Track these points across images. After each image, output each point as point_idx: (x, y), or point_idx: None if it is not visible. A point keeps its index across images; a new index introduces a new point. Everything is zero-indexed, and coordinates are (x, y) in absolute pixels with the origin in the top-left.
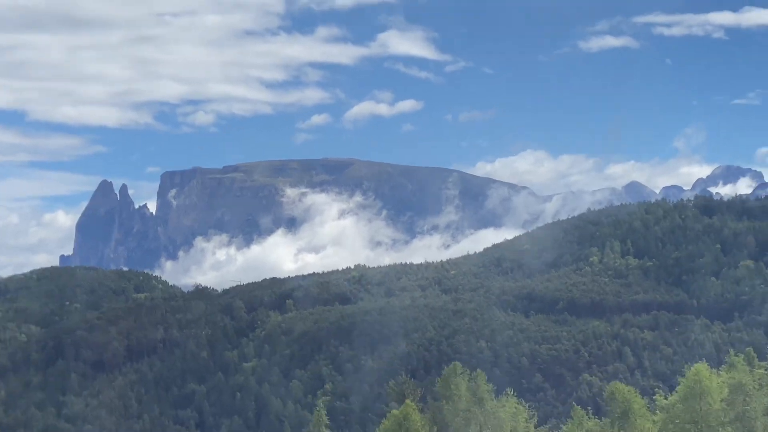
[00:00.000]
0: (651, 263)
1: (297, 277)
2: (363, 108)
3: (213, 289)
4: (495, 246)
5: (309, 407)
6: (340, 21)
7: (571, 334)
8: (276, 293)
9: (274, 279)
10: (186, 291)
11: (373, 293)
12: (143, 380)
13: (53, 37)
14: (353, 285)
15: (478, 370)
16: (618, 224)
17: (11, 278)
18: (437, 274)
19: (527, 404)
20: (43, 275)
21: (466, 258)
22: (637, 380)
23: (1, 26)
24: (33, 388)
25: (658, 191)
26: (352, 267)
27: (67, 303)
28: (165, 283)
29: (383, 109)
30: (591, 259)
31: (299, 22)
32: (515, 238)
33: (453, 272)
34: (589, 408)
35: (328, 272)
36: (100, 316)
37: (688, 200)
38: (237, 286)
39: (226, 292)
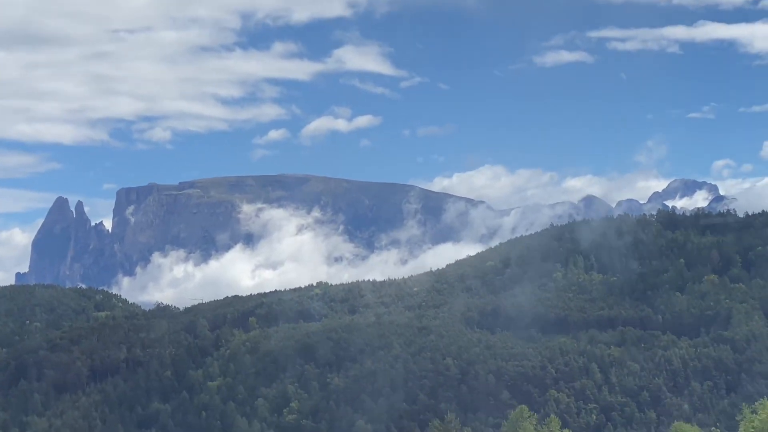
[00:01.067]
0: (615, 278)
1: (259, 294)
2: (319, 124)
3: (174, 307)
4: (458, 262)
5: (275, 426)
6: (296, 37)
7: (537, 351)
8: (238, 311)
9: (236, 297)
10: (146, 309)
11: (337, 310)
12: (107, 400)
13: (8, 54)
14: (316, 302)
15: (552, 415)
16: (580, 240)
17: None
18: (400, 291)
19: (495, 421)
20: (1, 294)
21: (429, 274)
22: (605, 396)
23: None
24: None
25: (614, 205)
26: (314, 284)
27: (27, 322)
28: (125, 301)
29: (339, 124)
30: (555, 274)
31: (255, 38)
32: (478, 254)
33: (416, 289)
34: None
35: (291, 290)
36: (62, 335)
37: (651, 215)
38: (199, 304)
39: (188, 310)
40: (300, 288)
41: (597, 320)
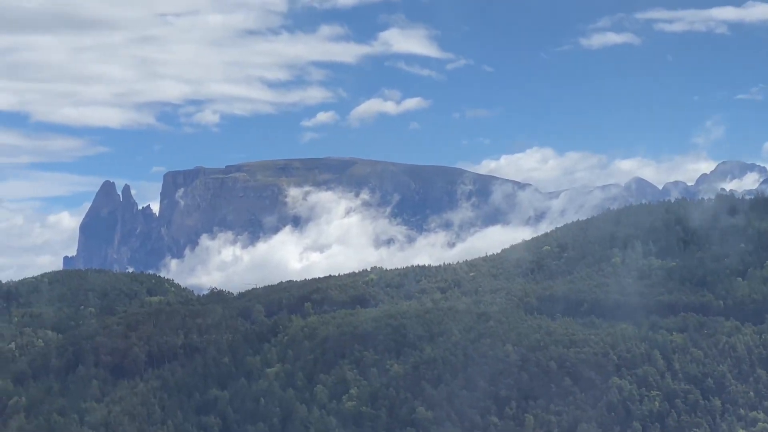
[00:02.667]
0: (674, 264)
1: (313, 279)
2: (367, 106)
3: (228, 292)
4: (513, 246)
5: (334, 412)
6: (342, 20)
7: (599, 337)
8: (294, 296)
9: (290, 282)
10: (196, 292)
11: (393, 296)
12: (165, 386)
13: (55, 38)
14: (371, 287)
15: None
16: (638, 224)
17: (22, 282)
18: (456, 276)
19: (557, 408)
20: (54, 279)
21: (485, 259)
22: (668, 383)
23: (3, 28)
24: (54, 395)
25: (662, 187)
26: (369, 269)
27: (81, 307)
28: (177, 286)
29: (386, 107)
30: (613, 260)
31: (301, 21)
32: (533, 238)
33: (472, 274)
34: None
35: (345, 275)
36: (118, 321)
37: (709, 198)
38: (253, 289)
39: (242, 295)
40: (354, 273)
41: (657, 306)
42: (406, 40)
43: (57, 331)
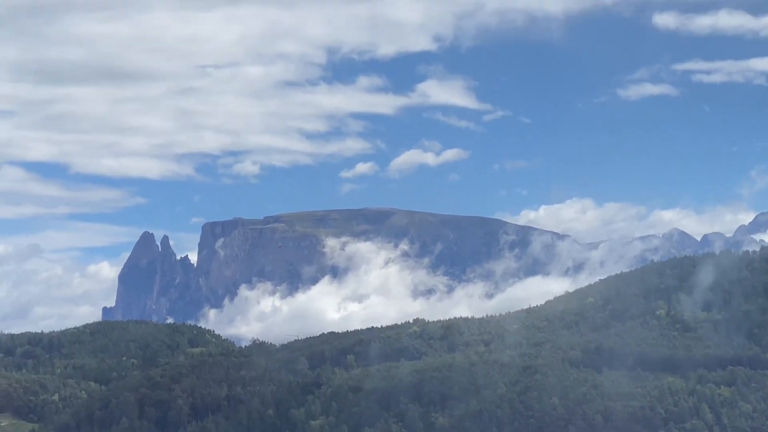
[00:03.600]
0: (720, 316)
1: (355, 331)
2: (405, 158)
3: (270, 343)
4: (557, 298)
5: None
6: (381, 71)
7: (645, 390)
8: (336, 348)
9: (332, 333)
10: (235, 342)
11: (436, 348)
12: None
13: (96, 90)
14: (414, 339)
15: None
16: (682, 276)
17: (64, 332)
18: (499, 328)
19: None
20: (95, 329)
21: (528, 311)
22: None
23: (45, 80)
24: None
25: (700, 238)
26: (411, 321)
27: (124, 358)
28: (218, 336)
29: (425, 158)
30: (658, 312)
31: (340, 73)
32: (577, 290)
33: (515, 326)
34: None
35: (387, 326)
36: (162, 373)
37: (754, 252)
38: (295, 340)
39: (284, 346)
40: (397, 325)
41: (704, 359)
42: (443, 92)
43: (99, 383)
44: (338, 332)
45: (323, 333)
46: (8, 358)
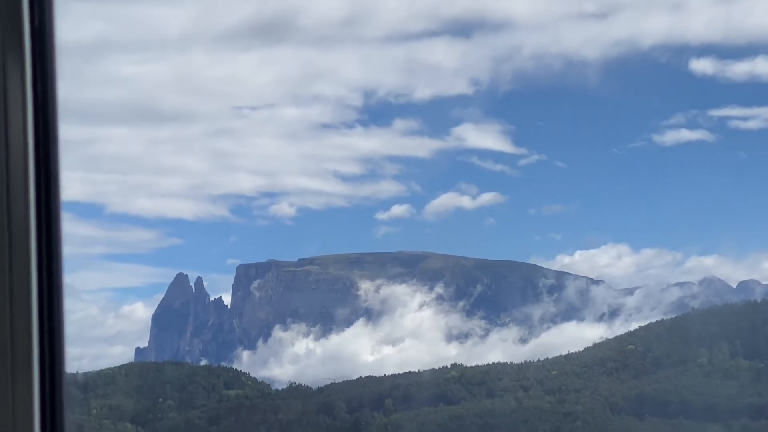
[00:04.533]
0: (763, 365)
1: (393, 375)
2: (439, 201)
3: (307, 386)
4: (596, 345)
5: None
6: (417, 114)
7: None
8: (373, 392)
9: (369, 377)
10: (272, 385)
11: (475, 393)
12: None
13: (132, 130)
14: (453, 384)
15: None
16: (724, 324)
17: (99, 373)
18: (539, 374)
19: None
20: (130, 370)
21: (567, 357)
22: None
23: (82, 120)
24: None
25: (735, 285)
26: (449, 365)
27: (160, 400)
28: (254, 379)
29: (460, 202)
30: (699, 360)
31: (376, 115)
32: (616, 337)
33: (555, 372)
34: None
35: (425, 371)
36: (200, 415)
37: None
38: (331, 384)
39: (320, 390)
40: (435, 369)
41: (747, 408)
42: (479, 135)
43: (136, 424)
44: (375, 376)
45: (360, 377)
46: None
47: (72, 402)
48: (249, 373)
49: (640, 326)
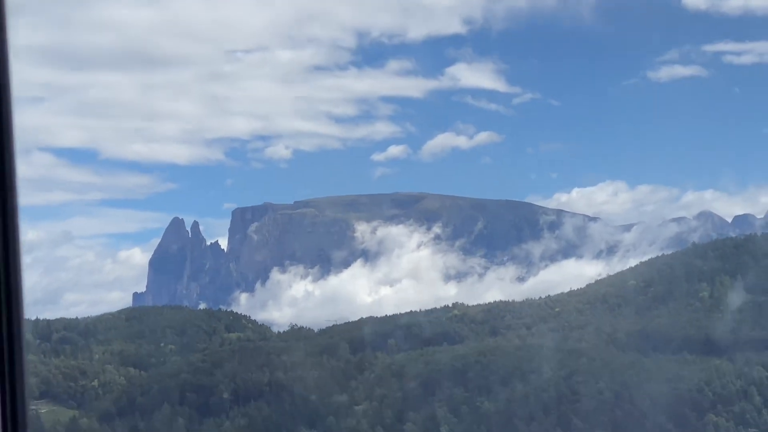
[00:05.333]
0: (764, 298)
1: (396, 315)
2: (438, 141)
3: (309, 328)
4: (597, 281)
5: None
6: (411, 54)
7: (692, 373)
8: (376, 333)
9: (371, 317)
10: (271, 328)
11: (478, 332)
12: (252, 425)
13: (126, 76)
14: (455, 323)
15: None
16: (725, 258)
17: (100, 318)
18: (541, 312)
19: None
20: (131, 315)
21: (570, 294)
22: (765, 420)
23: (74, 66)
24: None
25: (730, 220)
26: (450, 305)
27: (162, 344)
28: (254, 322)
29: (453, 142)
30: (701, 294)
31: (370, 57)
32: (618, 273)
33: (557, 309)
34: None
35: (427, 310)
36: (203, 358)
37: None
38: (333, 325)
39: (323, 331)
40: (436, 309)
41: (749, 342)
42: (473, 75)
43: (138, 368)
44: (376, 316)
45: (361, 318)
46: (45, 344)
47: (75, 348)
48: (249, 316)
49: (641, 262)
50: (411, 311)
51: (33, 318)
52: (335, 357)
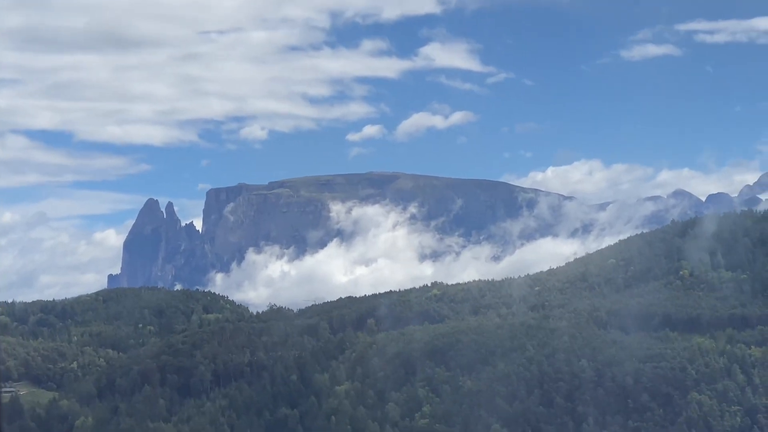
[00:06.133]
0: (744, 276)
1: (375, 295)
2: (413, 121)
3: (288, 308)
4: (577, 260)
5: (407, 430)
6: (385, 34)
7: (675, 351)
8: (356, 312)
9: (350, 297)
10: (249, 308)
11: (458, 311)
12: (233, 405)
13: (99, 57)
14: (435, 303)
15: None
16: (704, 236)
17: (77, 300)
18: (521, 291)
19: (635, 425)
20: (108, 297)
21: (549, 273)
22: (749, 398)
23: (48, 48)
24: (121, 415)
25: (704, 199)
26: (430, 284)
27: (140, 325)
28: (232, 302)
29: (428, 122)
30: (681, 272)
31: (344, 37)
32: (597, 251)
33: (537, 288)
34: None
35: (406, 290)
36: (183, 339)
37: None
38: (312, 305)
39: (302, 312)
40: (415, 288)
41: (730, 319)
42: (447, 54)
43: (117, 350)
44: (355, 296)
45: (340, 298)
46: (22, 326)
47: (53, 330)
48: (227, 297)
49: (620, 240)
50: (390, 291)
51: (9, 301)
52: (315, 337)
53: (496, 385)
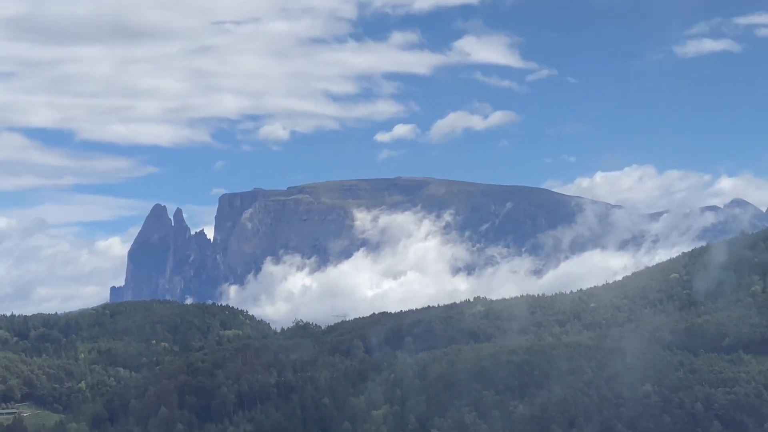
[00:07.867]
0: None
1: (412, 311)
2: (443, 123)
3: (316, 324)
4: (635, 274)
5: None
6: (416, 26)
7: (750, 375)
8: (391, 330)
9: (384, 313)
10: (271, 325)
11: (505, 329)
12: (259, 430)
13: (103, 49)
14: (480, 320)
15: None
16: None
17: (81, 314)
18: (575, 307)
19: None
20: (116, 310)
21: (606, 288)
22: None
23: (48, 38)
24: None
25: (765, 209)
26: (471, 299)
27: (153, 342)
28: (252, 318)
29: (464, 123)
30: (752, 288)
31: (371, 29)
32: (657, 265)
33: (593, 305)
34: None
35: (446, 305)
36: (203, 358)
37: None
38: (343, 321)
39: (331, 328)
40: (456, 304)
41: None
42: (484, 49)
43: (129, 368)
44: (390, 312)
45: (373, 313)
46: (23, 342)
47: (57, 346)
48: (246, 311)
49: (683, 252)
50: (429, 306)
51: (8, 314)
52: (348, 356)
53: (551, 411)
